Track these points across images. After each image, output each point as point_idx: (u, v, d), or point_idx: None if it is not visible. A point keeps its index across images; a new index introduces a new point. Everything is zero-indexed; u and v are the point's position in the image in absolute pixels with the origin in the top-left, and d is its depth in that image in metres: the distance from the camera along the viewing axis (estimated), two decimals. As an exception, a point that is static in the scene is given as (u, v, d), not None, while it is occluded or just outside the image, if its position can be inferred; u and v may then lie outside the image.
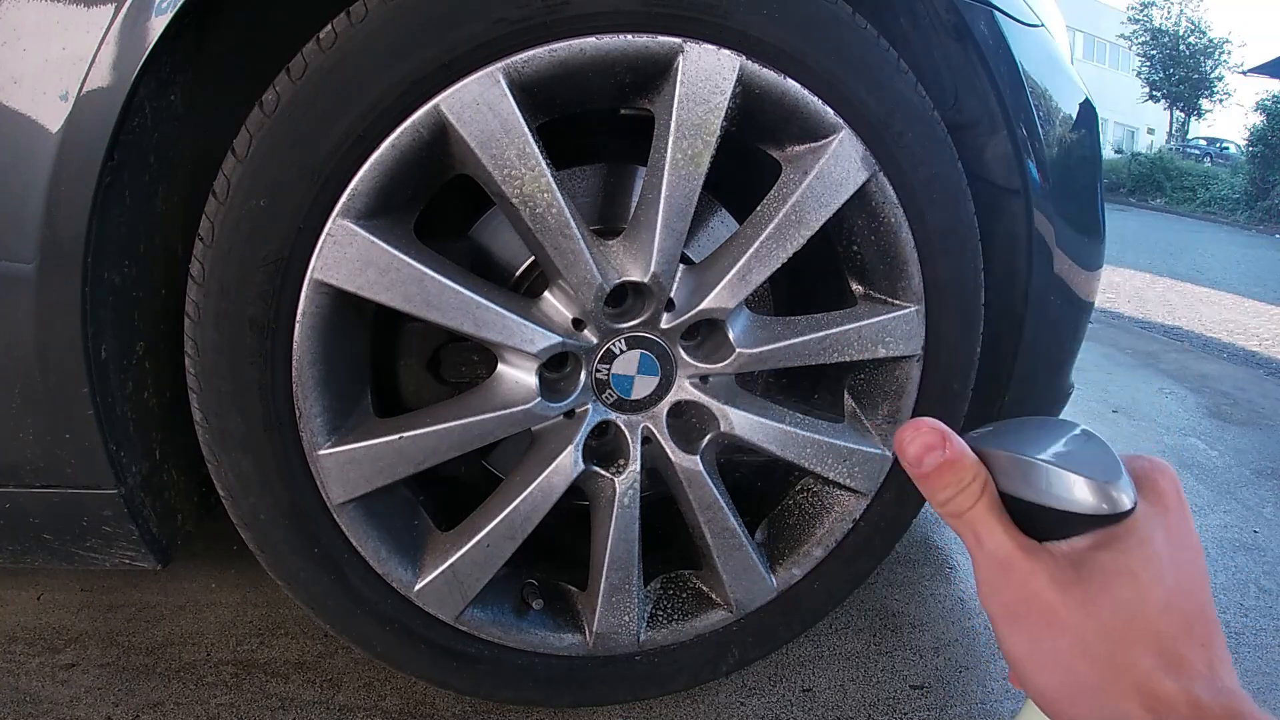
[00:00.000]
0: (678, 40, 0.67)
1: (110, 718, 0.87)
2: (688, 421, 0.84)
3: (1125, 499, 0.34)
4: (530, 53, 0.64)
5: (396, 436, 0.71)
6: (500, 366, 0.74)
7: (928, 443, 0.36)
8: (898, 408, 0.86)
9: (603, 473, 0.79)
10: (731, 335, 0.78)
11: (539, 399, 0.73)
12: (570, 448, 0.76)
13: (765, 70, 0.70)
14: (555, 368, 0.79)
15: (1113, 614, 0.32)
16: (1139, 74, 25.45)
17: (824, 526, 0.89)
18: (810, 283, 0.98)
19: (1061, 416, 1.13)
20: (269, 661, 0.98)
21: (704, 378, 0.81)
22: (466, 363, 0.90)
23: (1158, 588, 0.33)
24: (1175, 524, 0.35)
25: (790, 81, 0.71)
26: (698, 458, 0.80)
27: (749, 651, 0.91)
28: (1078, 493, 0.33)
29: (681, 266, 0.75)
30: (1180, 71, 24.31)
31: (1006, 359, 0.92)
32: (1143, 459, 0.37)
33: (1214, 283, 5.29)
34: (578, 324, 0.74)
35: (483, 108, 0.64)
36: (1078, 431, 0.37)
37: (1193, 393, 2.42)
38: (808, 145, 0.76)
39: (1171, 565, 0.33)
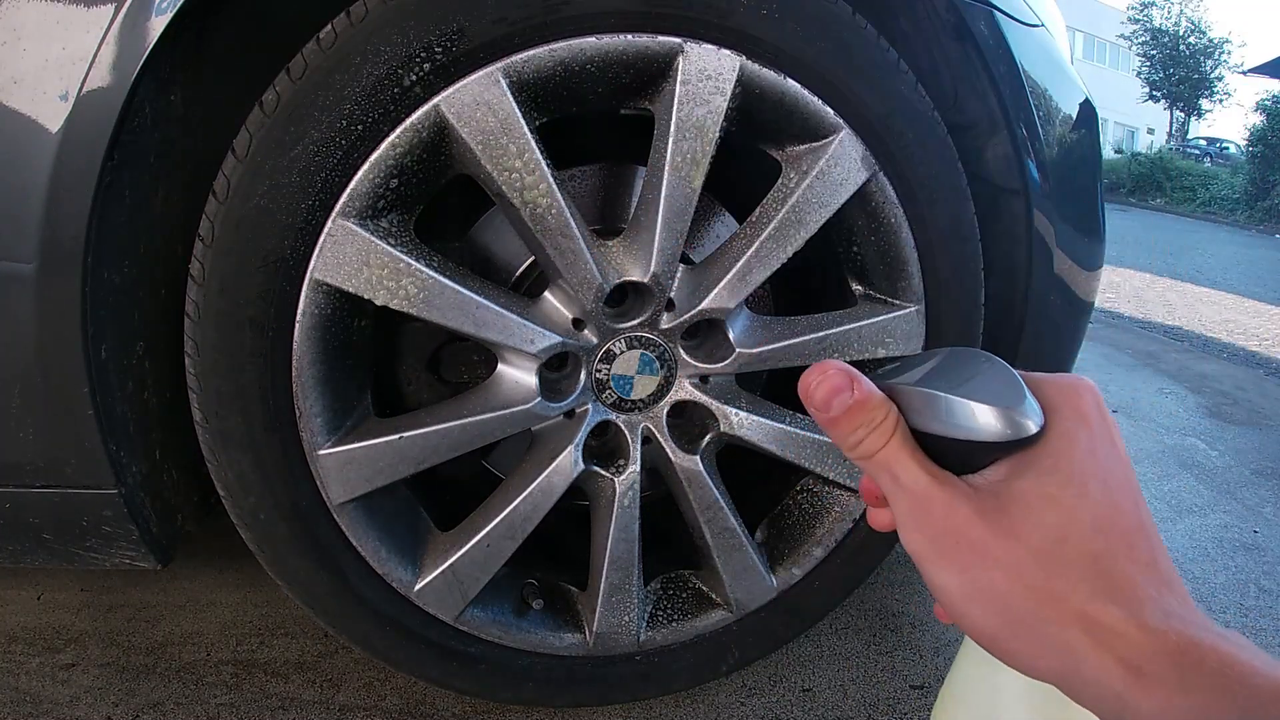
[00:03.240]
0: (678, 40, 0.67)
1: (110, 718, 0.87)
2: (688, 421, 0.84)
3: (1029, 423, 0.33)
4: (530, 52, 0.64)
5: (396, 436, 0.71)
6: (500, 366, 0.74)
7: (834, 385, 0.34)
8: (898, 408, 0.86)
9: (603, 473, 0.79)
10: (731, 335, 0.78)
11: (539, 399, 0.73)
12: (570, 448, 0.76)
13: (765, 70, 0.70)
14: (555, 368, 0.79)
15: (1041, 539, 0.31)
16: (1139, 74, 25.45)
17: (824, 526, 0.89)
18: (810, 283, 0.98)
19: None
20: (269, 661, 0.98)
21: (704, 378, 0.81)
22: (466, 363, 0.90)
23: (1084, 507, 0.31)
24: (1098, 440, 0.33)
25: (790, 81, 0.71)
26: (698, 458, 0.80)
27: (749, 651, 0.91)
28: (980, 420, 0.33)
29: (681, 266, 0.75)
30: (1180, 71, 24.32)
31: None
32: (1064, 378, 0.36)
33: (1214, 283, 5.29)
34: (578, 324, 0.74)
35: (483, 108, 0.64)
36: (984, 360, 0.36)
37: (1193, 393, 2.42)
38: (808, 145, 0.76)
39: (1098, 483, 0.32)
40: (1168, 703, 0.27)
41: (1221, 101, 25.14)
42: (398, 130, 0.63)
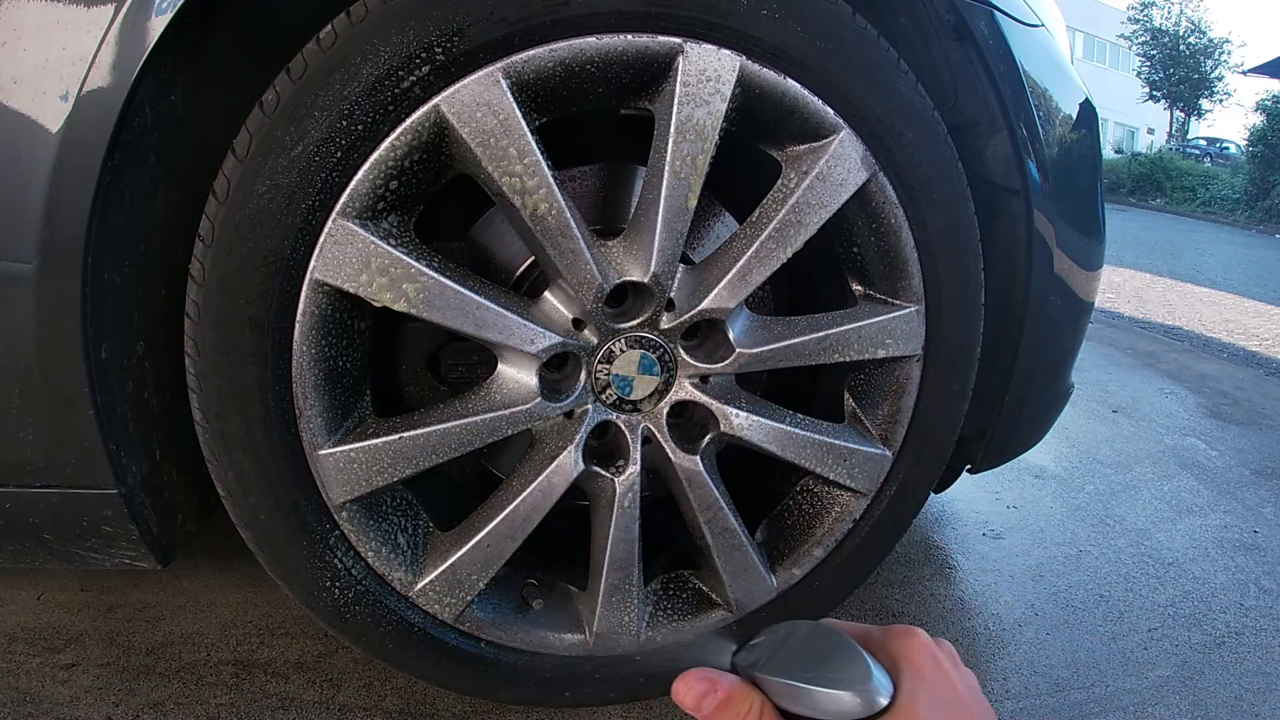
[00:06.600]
0: (678, 40, 0.67)
1: (110, 718, 0.88)
2: (688, 421, 0.84)
3: (881, 699, 0.39)
4: (530, 52, 0.64)
5: (396, 436, 0.71)
6: (500, 366, 0.74)
7: (700, 690, 0.40)
8: (898, 408, 0.86)
9: (603, 473, 0.79)
10: (731, 335, 0.78)
11: (539, 399, 0.73)
12: (570, 448, 0.76)
13: (765, 70, 0.70)
14: (555, 368, 0.79)
15: None
16: (1139, 74, 25.46)
17: (824, 526, 0.89)
18: (810, 283, 0.98)
19: (1052, 428, 1.13)
20: (269, 661, 0.98)
21: (704, 378, 0.81)
22: (466, 363, 0.90)
23: None
24: (936, 690, 0.39)
25: (790, 81, 0.71)
26: (698, 458, 0.80)
27: (749, 651, 0.91)
28: (839, 705, 0.39)
29: (681, 266, 0.75)
30: (1180, 71, 24.32)
31: (1006, 359, 0.92)
32: (895, 633, 0.42)
33: (1214, 283, 5.29)
34: (578, 324, 0.74)
35: (482, 108, 0.64)
36: (830, 638, 0.42)
37: (1193, 393, 2.42)
38: (808, 145, 0.76)
39: None
40: None
41: (1221, 101, 25.15)
42: (398, 130, 0.63)
